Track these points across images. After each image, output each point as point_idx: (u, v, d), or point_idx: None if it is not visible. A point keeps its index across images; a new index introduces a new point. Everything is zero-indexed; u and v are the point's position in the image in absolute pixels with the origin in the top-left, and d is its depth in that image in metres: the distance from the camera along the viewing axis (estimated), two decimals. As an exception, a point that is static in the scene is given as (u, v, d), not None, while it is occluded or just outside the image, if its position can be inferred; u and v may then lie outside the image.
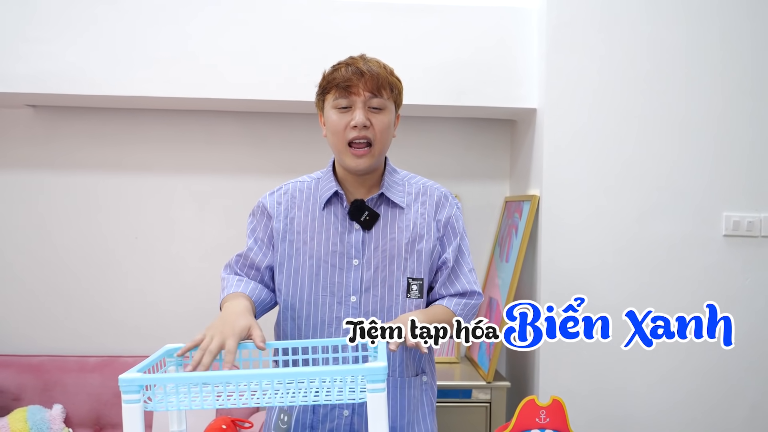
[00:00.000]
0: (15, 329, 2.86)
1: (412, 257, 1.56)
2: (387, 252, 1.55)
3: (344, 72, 1.48)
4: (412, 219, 1.58)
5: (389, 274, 1.55)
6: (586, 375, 2.48)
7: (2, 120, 2.84)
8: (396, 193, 1.59)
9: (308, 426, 1.57)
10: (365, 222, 1.55)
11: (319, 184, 1.61)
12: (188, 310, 2.86)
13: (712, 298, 2.46)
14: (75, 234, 2.86)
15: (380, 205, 1.58)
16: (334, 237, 1.55)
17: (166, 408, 0.98)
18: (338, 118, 1.49)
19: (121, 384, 0.95)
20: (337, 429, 1.56)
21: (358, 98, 1.47)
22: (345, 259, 1.55)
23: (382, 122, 1.50)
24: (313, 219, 1.57)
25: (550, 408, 1.22)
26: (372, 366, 0.98)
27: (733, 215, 2.46)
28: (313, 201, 1.59)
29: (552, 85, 2.47)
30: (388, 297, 1.55)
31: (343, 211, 1.57)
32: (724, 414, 2.50)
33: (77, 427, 2.62)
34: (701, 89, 2.45)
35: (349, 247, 1.55)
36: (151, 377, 0.96)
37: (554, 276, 2.48)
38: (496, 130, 2.96)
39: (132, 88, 2.50)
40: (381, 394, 0.97)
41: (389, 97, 1.52)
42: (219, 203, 2.88)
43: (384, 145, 1.53)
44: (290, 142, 2.87)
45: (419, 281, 1.57)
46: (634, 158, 2.46)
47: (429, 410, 1.66)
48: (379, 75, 1.49)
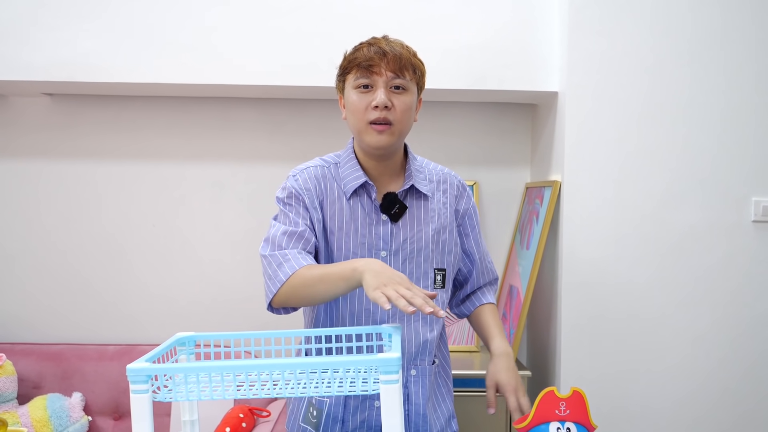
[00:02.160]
0: (35, 318, 2.88)
1: (437, 248, 1.57)
2: (414, 244, 1.54)
3: (366, 52, 1.46)
4: (436, 209, 1.58)
5: (417, 266, 1.54)
6: (607, 364, 2.44)
7: (19, 109, 2.84)
8: (421, 182, 1.58)
9: (340, 419, 1.55)
10: (394, 215, 1.53)
11: (339, 171, 1.57)
12: (206, 298, 2.86)
13: (739, 286, 2.42)
14: (92, 222, 2.86)
15: (407, 197, 1.56)
16: (362, 228, 1.53)
17: (175, 399, 0.96)
18: (359, 98, 1.47)
19: (129, 374, 0.92)
20: (368, 420, 1.55)
21: (380, 78, 1.45)
22: (373, 251, 1.53)
23: (404, 103, 1.47)
24: (341, 209, 1.53)
25: (571, 399, 1.20)
26: (385, 357, 0.94)
27: (763, 200, 2.39)
28: (338, 189, 1.55)
29: (573, 68, 2.41)
30: None
31: (370, 202, 1.54)
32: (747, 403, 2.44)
33: (96, 414, 2.62)
34: (729, 71, 2.38)
35: (377, 239, 1.53)
36: (159, 367, 0.94)
37: (576, 263, 2.43)
38: (516, 114, 2.90)
39: (148, 75, 2.48)
40: (395, 386, 0.94)
41: (412, 79, 1.49)
42: (236, 190, 2.87)
43: (405, 126, 1.50)
44: (307, 128, 2.84)
45: (443, 271, 1.58)
46: (659, 142, 2.40)
47: (446, 391, 1.68)
48: (402, 55, 1.46)
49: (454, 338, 2.79)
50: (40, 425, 2.43)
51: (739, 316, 2.43)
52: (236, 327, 2.85)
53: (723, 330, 2.43)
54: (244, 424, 2.41)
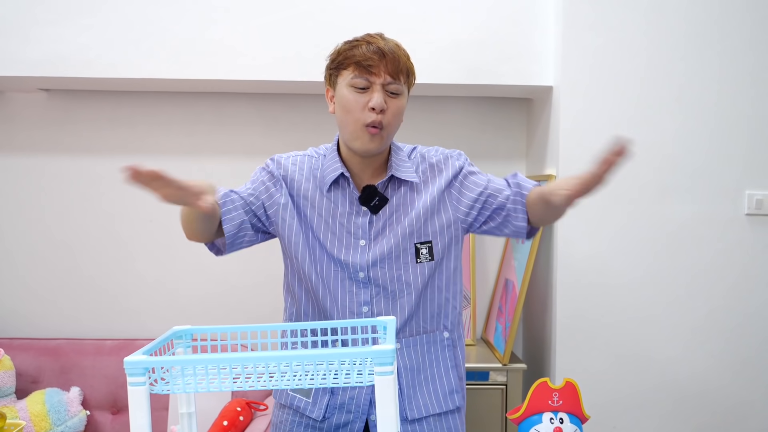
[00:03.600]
0: (33, 313, 2.89)
1: (418, 222, 1.56)
2: (395, 229, 1.55)
3: (365, 50, 1.45)
4: (421, 190, 1.58)
5: (395, 245, 1.55)
6: (602, 357, 2.46)
7: (15, 104, 2.85)
8: (405, 170, 1.57)
9: (329, 391, 1.58)
10: (374, 206, 1.54)
11: (322, 163, 1.59)
12: (204, 292, 2.87)
13: (734, 279, 2.44)
14: (90, 218, 2.87)
15: (388, 188, 1.57)
16: (341, 218, 1.55)
17: (173, 391, 0.97)
18: (354, 98, 1.46)
19: (127, 366, 0.94)
20: (357, 397, 1.57)
21: (378, 79, 1.44)
22: (351, 239, 1.55)
23: (397, 107, 1.49)
24: (321, 197, 1.56)
25: (563, 390, 1.21)
26: (380, 348, 0.96)
27: (757, 193, 2.40)
28: (320, 179, 1.57)
29: (568, 62, 2.42)
30: (396, 266, 1.55)
31: (350, 193, 1.55)
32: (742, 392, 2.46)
33: (94, 409, 2.64)
34: (722, 65, 2.39)
35: (356, 228, 1.55)
36: (156, 360, 0.95)
37: (571, 257, 2.44)
38: (511, 109, 2.91)
39: (145, 70, 2.48)
40: (390, 377, 0.95)
41: (405, 83, 1.50)
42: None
43: (394, 130, 1.52)
44: (302, 123, 2.85)
45: (427, 244, 1.57)
46: (653, 136, 2.41)
47: (451, 365, 1.64)
48: (399, 58, 1.47)
49: (451, 332, 2.80)
50: (38, 419, 2.45)
51: (734, 309, 2.44)
52: (234, 321, 2.86)
53: (717, 323, 2.45)
54: (241, 418, 2.43)
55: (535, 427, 1.19)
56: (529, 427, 1.20)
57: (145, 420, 0.94)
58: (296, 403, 1.62)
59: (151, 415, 0.97)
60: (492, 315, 2.84)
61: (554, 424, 1.18)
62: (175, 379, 0.97)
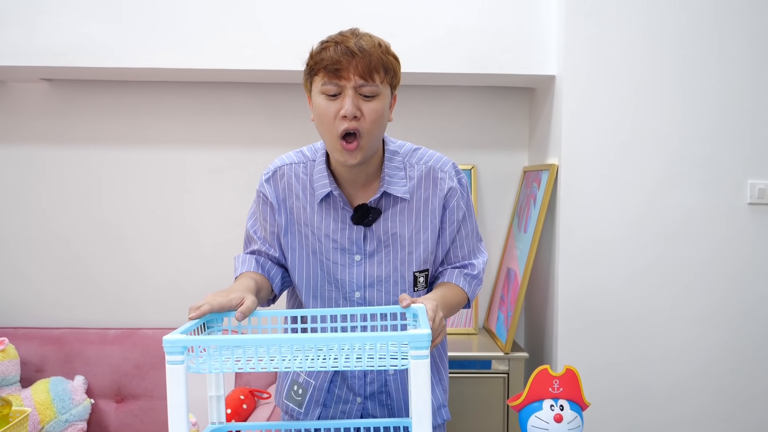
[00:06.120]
0: (37, 303, 2.89)
1: (417, 250, 1.50)
2: (390, 247, 1.49)
3: (333, 52, 1.32)
4: (415, 209, 1.49)
5: (393, 269, 1.50)
6: (603, 346, 2.49)
7: (18, 94, 2.83)
8: (397, 184, 1.47)
9: (321, 404, 1.57)
10: (368, 222, 1.47)
11: (313, 172, 1.50)
12: (206, 282, 2.87)
13: (735, 268, 2.47)
14: (92, 208, 2.86)
15: (381, 201, 1.48)
16: (335, 234, 1.48)
17: (210, 370, 0.98)
18: (326, 106, 1.35)
19: (165, 345, 0.95)
20: (349, 413, 1.57)
21: (348, 83, 1.32)
22: (347, 256, 1.49)
23: (374, 111, 1.35)
24: (312, 212, 1.49)
25: (564, 378, 1.22)
26: (416, 333, 0.97)
27: (759, 183, 2.43)
28: (310, 192, 1.49)
29: (571, 51, 2.43)
30: (393, 291, 1.51)
31: (342, 208, 1.48)
32: (744, 386, 2.50)
33: (99, 397, 2.64)
34: (725, 54, 2.41)
35: (350, 243, 1.48)
36: (195, 338, 0.96)
37: (573, 246, 2.47)
38: (514, 98, 2.93)
39: (147, 60, 2.48)
40: (425, 361, 0.97)
41: (383, 81, 1.36)
42: (234, 175, 2.88)
43: (376, 136, 1.39)
44: (304, 113, 2.85)
45: (425, 273, 1.53)
46: (655, 126, 2.43)
47: (436, 381, 1.63)
48: (372, 55, 1.32)
49: (452, 320, 2.82)
50: (43, 408, 2.45)
51: (736, 298, 2.47)
52: (236, 310, 2.86)
53: (719, 312, 2.48)
54: (244, 406, 2.45)
55: (536, 414, 1.20)
56: (529, 414, 1.21)
57: (182, 399, 0.96)
58: (290, 411, 1.62)
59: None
60: (494, 304, 2.86)
61: (554, 411, 1.20)
62: (213, 359, 0.98)
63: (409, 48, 2.40)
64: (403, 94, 2.74)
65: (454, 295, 1.52)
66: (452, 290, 1.52)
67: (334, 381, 1.57)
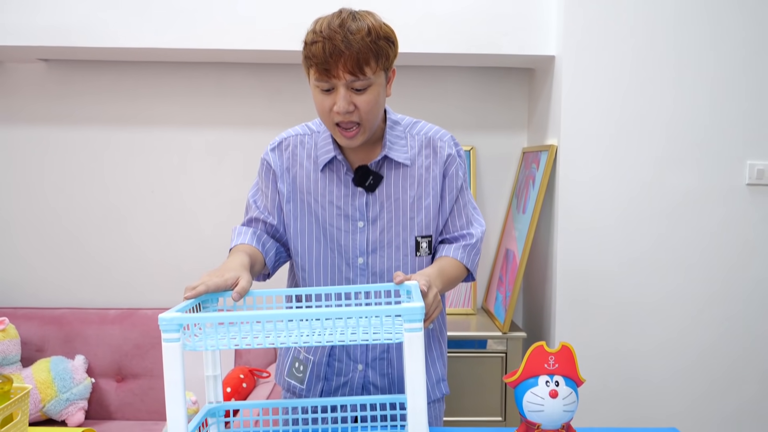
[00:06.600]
0: (37, 283, 2.90)
1: (419, 215, 1.53)
2: (392, 213, 1.52)
3: (321, 50, 1.32)
4: (417, 175, 1.53)
5: (395, 235, 1.52)
6: (601, 327, 2.50)
7: (15, 75, 2.83)
8: (399, 151, 1.52)
9: (323, 378, 1.59)
10: (369, 186, 1.50)
11: (318, 141, 1.54)
12: (205, 262, 2.88)
13: (734, 249, 2.47)
14: (91, 189, 2.87)
15: (383, 166, 1.52)
16: (338, 200, 1.51)
17: (206, 347, 0.99)
18: (321, 99, 1.39)
19: (161, 323, 0.95)
20: (351, 382, 1.58)
21: (339, 81, 1.34)
22: (350, 222, 1.52)
23: (367, 102, 1.38)
24: (315, 180, 1.52)
25: (559, 354, 1.23)
26: (409, 306, 0.98)
27: (758, 163, 2.43)
28: (314, 159, 1.53)
29: (571, 30, 2.42)
30: (395, 257, 1.53)
31: (345, 174, 1.52)
32: (742, 361, 2.51)
33: (99, 377, 2.66)
34: (724, 34, 2.40)
35: (353, 210, 1.51)
36: (190, 316, 0.97)
37: (571, 227, 2.47)
38: (514, 79, 2.91)
39: (145, 39, 2.47)
40: (418, 334, 0.98)
41: (375, 71, 1.37)
42: (233, 156, 2.88)
43: (373, 121, 1.43)
44: (304, 93, 2.84)
45: (428, 238, 1.55)
46: (654, 106, 2.42)
47: (438, 355, 1.65)
48: (360, 51, 1.32)
49: (451, 301, 2.84)
50: (44, 386, 2.47)
51: (735, 279, 2.48)
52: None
53: (718, 293, 2.49)
54: (244, 385, 2.46)
55: (531, 390, 1.20)
56: (524, 390, 1.22)
57: (179, 376, 0.96)
58: (292, 388, 1.63)
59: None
60: (492, 284, 2.87)
61: (550, 387, 1.20)
62: (209, 336, 0.98)
63: (407, 28, 2.39)
64: (401, 76, 2.73)
65: (452, 268, 1.53)
66: (449, 263, 1.53)
67: (333, 354, 1.59)
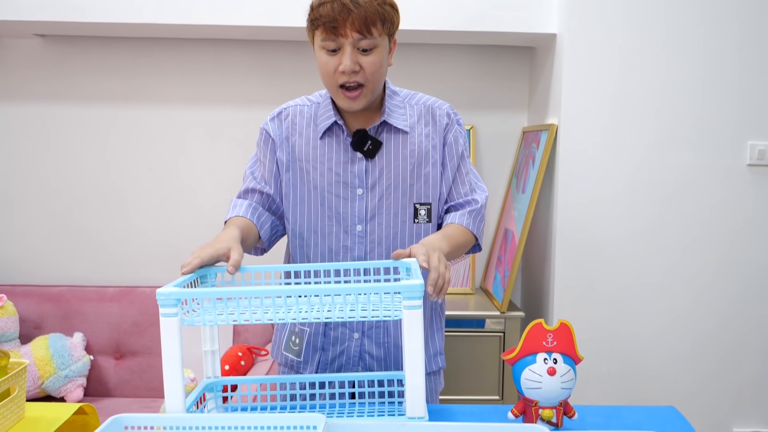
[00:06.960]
0: (35, 260, 2.89)
1: (418, 182, 1.54)
2: (392, 180, 1.53)
3: (330, 9, 1.35)
4: (416, 142, 1.54)
5: (394, 201, 1.53)
6: (600, 305, 2.50)
7: (10, 51, 2.80)
8: (398, 118, 1.54)
9: (320, 348, 1.59)
10: (368, 151, 1.51)
11: (318, 110, 1.56)
12: (203, 240, 2.80)
13: (734, 230, 2.47)
14: (89, 166, 2.85)
15: (382, 132, 1.53)
16: (337, 167, 1.52)
17: (204, 322, 0.98)
18: (327, 60, 1.42)
19: (159, 298, 0.95)
20: (347, 351, 1.59)
21: (346, 40, 1.37)
22: (348, 189, 1.52)
23: (372, 63, 1.41)
24: (314, 147, 1.54)
25: (558, 331, 1.23)
26: (408, 283, 0.98)
27: (759, 144, 2.42)
28: (313, 128, 1.55)
29: (572, 9, 2.39)
30: (394, 224, 1.54)
31: (344, 140, 1.53)
32: (741, 341, 2.52)
33: (98, 354, 2.67)
34: (728, 13, 2.37)
35: (352, 177, 1.52)
36: (188, 291, 0.97)
37: (571, 206, 2.47)
38: (514, 57, 2.89)
39: (142, 15, 2.44)
40: (417, 311, 0.97)
41: (381, 33, 1.41)
42: (232, 134, 2.86)
43: (377, 84, 1.46)
44: (302, 71, 2.82)
45: (427, 206, 1.56)
46: (655, 86, 2.41)
47: (437, 328, 1.67)
48: (368, 10, 1.36)
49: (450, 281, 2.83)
50: (42, 363, 2.47)
51: (735, 259, 2.48)
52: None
53: (717, 273, 2.49)
54: (242, 363, 2.47)
55: (529, 368, 1.21)
56: (523, 368, 1.22)
57: (176, 351, 0.96)
58: (289, 362, 1.64)
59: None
60: (491, 264, 2.87)
61: (548, 364, 1.20)
62: (207, 311, 0.98)
63: (407, 3, 2.36)
64: (401, 53, 2.71)
65: (458, 234, 1.53)
66: (455, 229, 1.54)
67: (329, 324, 1.60)
